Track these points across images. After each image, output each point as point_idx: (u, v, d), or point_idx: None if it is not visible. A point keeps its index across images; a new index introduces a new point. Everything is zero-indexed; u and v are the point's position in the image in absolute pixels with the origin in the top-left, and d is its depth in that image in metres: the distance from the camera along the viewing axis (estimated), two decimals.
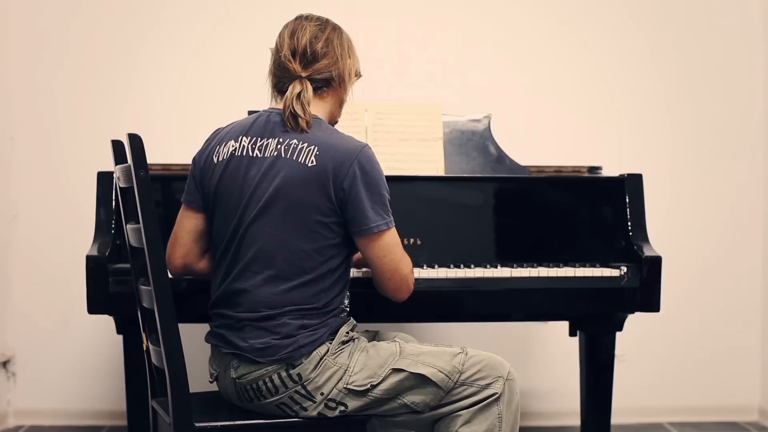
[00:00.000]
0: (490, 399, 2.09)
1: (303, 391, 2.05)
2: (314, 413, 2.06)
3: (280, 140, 2.08)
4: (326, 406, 2.06)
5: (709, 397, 3.76)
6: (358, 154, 2.05)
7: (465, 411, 2.09)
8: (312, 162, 2.04)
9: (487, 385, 2.09)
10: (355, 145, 2.08)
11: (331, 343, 2.07)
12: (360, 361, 2.08)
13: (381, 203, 2.07)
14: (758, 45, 3.77)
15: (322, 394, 2.05)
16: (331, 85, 2.17)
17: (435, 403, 2.09)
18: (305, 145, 2.06)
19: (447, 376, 2.07)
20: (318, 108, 2.16)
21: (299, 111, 2.07)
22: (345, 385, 2.05)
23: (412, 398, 2.08)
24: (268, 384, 2.05)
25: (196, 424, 1.97)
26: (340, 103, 2.23)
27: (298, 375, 2.04)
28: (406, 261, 2.17)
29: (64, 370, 3.59)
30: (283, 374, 2.04)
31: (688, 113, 3.76)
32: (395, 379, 2.07)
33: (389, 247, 2.11)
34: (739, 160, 3.78)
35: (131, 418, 2.57)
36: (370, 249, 2.10)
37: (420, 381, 2.07)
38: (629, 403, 3.60)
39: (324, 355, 2.05)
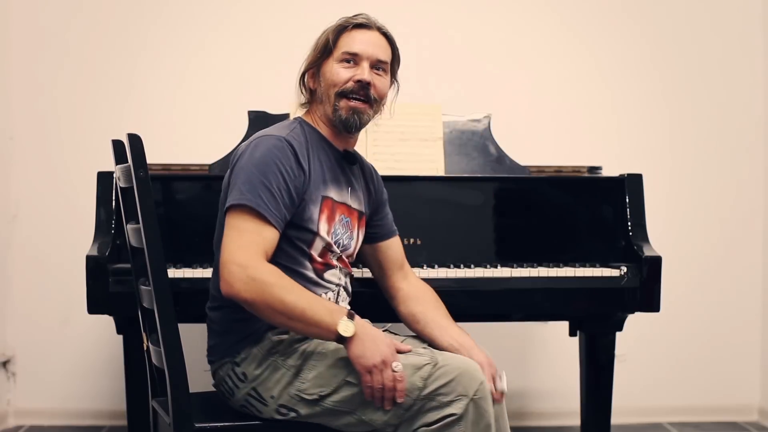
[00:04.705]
0: (449, 419, 1.86)
1: (254, 394, 1.98)
2: (270, 417, 1.98)
3: None
4: (278, 411, 1.96)
5: (709, 397, 3.76)
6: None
7: (427, 429, 1.87)
8: None
9: (449, 403, 1.86)
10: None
11: (278, 337, 1.97)
12: (314, 367, 1.94)
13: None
14: (758, 45, 3.77)
15: (272, 397, 1.97)
16: None
17: (396, 421, 1.89)
18: None
19: (406, 393, 1.86)
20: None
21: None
22: (296, 391, 1.94)
23: (371, 416, 1.90)
24: (225, 386, 2.03)
25: (196, 424, 1.96)
26: None
27: (243, 374, 1.98)
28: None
29: (64, 370, 3.59)
30: (231, 374, 2.01)
31: (688, 113, 3.76)
32: (348, 392, 1.90)
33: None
34: (739, 159, 3.78)
35: (131, 418, 2.57)
36: None
37: None
38: (629, 403, 3.59)
39: (267, 353, 1.97)
